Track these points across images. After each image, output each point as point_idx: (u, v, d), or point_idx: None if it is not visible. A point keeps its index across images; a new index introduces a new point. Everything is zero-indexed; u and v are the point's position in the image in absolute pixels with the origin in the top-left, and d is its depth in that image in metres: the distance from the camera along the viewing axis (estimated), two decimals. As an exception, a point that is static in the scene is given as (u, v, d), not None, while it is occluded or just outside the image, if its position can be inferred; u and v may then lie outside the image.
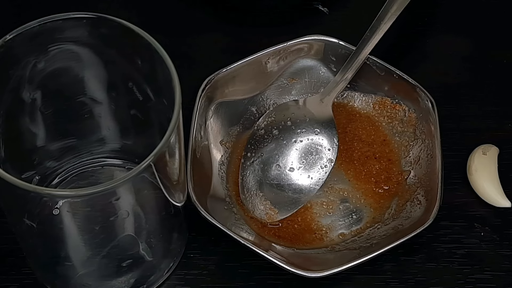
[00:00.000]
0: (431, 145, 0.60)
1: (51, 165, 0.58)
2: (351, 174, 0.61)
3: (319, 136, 0.61)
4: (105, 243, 0.51)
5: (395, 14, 0.60)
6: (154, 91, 0.52)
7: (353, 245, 0.58)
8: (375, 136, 0.63)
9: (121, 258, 0.53)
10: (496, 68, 0.68)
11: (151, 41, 0.49)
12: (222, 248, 0.59)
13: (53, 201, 0.47)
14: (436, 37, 0.70)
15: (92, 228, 0.50)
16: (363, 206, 0.60)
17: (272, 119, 0.62)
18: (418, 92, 0.61)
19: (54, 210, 0.47)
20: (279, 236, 0.59)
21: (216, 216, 0.56)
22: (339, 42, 0.63)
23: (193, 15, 0.71)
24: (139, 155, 0.49)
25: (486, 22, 0.71)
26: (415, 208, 0.58)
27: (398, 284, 0.58)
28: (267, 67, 0.63)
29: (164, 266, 0.57)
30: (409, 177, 0.61)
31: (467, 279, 0.58)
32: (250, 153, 0.61)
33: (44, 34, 0.50)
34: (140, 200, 0.50)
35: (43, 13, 0.50)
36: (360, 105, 0.64)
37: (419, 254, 0.59)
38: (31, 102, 0.53)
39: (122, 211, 0.49)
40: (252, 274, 0.58)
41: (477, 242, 0.60)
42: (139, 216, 0.51)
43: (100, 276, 0.55)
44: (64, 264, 0.54)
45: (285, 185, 0.61)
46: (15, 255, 0.58)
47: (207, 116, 0.61)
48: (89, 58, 0.52)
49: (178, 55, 0.52)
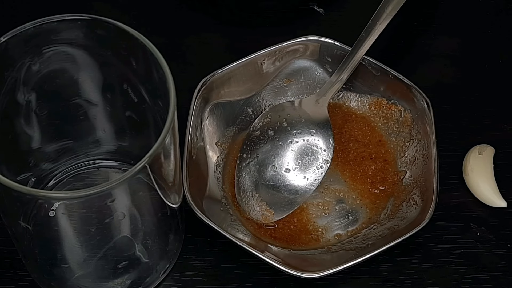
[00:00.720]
0: (427, 146, 0.60)
1: (47, 167, 0.58)
2: (347, 175, 0.61)
3: (314, 137, 0.61)
4: (101, 245, 0.51)
5: (391, 14, 0.60)
6: (149, 92, 0.52)
7: (349, 245, 0.58)
8: (371, 136, 0.63)
9: (117, 259, 0.53)
10: (491, 68, 0.68)
11: (146, 42, 0.49)
12: (219, 249, 0.59)
13: (48, 203, 0.47)
14: (431, 37, 0.70)
15: (88, 230, 0.50)
16: (359, 206, 0.60)
17: (268, 120, 0.62)
18: (413, 92, 0.61)
19: (50, 212, 0.47)
20: (275, 237, 0.59)
21: (212, 217, 0.56)
22: (334, 43, 0.63)
23: (189, 16, 0.71)
24: (135, 156, 0.49)
25: (481, 22, 0.71)
26: (411, 208, 0.58)
27: (394, 284, 0.58)
28: (263, 68, 0.63)
29: (160, 268, 0.57)
30: (405, 178, 0.61)
31: (464, 279, 0.58)
32: (246, 154, 0.61)
33: (39, 36, 0.50)
34: (136, 201, 0.50)
35: (38, 15, 0.50)
36: (355, 105, 0.64)
37: (415, 255, 0.59)
38: (26, 104, 0.52)
39: (118, 213, 0.49)
40: (249, 275, 0.58)
41: (473, 242, 0.60)
42: (135, 218, 0.51)
43: (96, 277, 0.55)
44: (60, 266, 0.54)
45: (281, 186, 0.61)
46: (11, 257, 0.58)
47: (203, 117, 0.61)
48: (84, 60, 0.52)
49: (174, 56, 0.52)
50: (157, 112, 0.51)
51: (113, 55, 0.51)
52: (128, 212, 0.50)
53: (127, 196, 0.48)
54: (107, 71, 0.53)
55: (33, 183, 0.57)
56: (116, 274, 0.54)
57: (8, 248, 0.58)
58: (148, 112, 0.53)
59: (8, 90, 0.51)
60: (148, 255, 0.54)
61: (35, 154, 0.56)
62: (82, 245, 0.51)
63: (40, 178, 0.58)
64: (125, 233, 0.52)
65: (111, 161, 0.59)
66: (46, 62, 0.51)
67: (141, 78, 0.52)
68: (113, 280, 0.54)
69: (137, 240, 0.53)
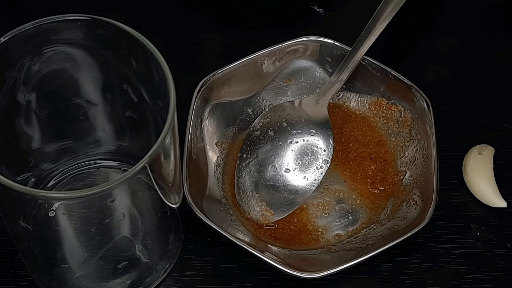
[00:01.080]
0: (426, 146, 0.60)
1: (47, 167, 0.58)
2: (347, 175, 0.61)
3: (314, 137, 0.61)
4: (101, 245, 0.51)
5: (391, 14, 0.60)
6: (149, 92, 0.52)
7: (349, 245, 0.58)
8: (370, 136, 0.63)
9: (117, 259, 0.53)
10: (491, 68, 0.68)
11: (146, 42, 0.49)
12: (219, 250, 0.59)
13: (48, 203, 0.47)
14: (431, 37, 0.70)
15: (88, 230, 0.50)
16: (359, 206, 0.60)
17: (268, 120, 0.62)
18: (413, 92, 0.61)
19: (50, 212, 0.47)
20: (275, 237, 0.59)
21: (212, 218, 0.56)
22: (334, 43, 0.63)
23: (189, 16, 0.71)
24: (135, 156, 0.49)
25: (481, 22, 0.71)
26: (411, 208, 0.58)
27: (394, 284, 0.58)
28: (263, 68, 0.63)
29: (160, 268, 0.57)
30: (404, 178, 0.61)
31: (464, 279, 0.58)
32: (245, 154, 0.61)
33: (39, 36, 0.50)
34: (136, 201, 0.50)
35: (38, 15, 0.50)
36: (355, 105, 0.64)
37: (415, 255, 0.59)
38: (26, 104, 0.52)
39: (118, 213, 0.49)
40: (249, 276, 0.58)
41: (473, 242, 0.60)
42: (135, 218, 0.51)
43: (96, 277, 0.55)
44: (60, 266, 0.54)
45: (280, 186, 0.61)
46: (11, 257, 0.58)
47: (203, 117, 0.61)
48: (84, 60, 0.52)
49: (174, 56, 0.52)
50: (157, 112, 0.51)
51: (113, 55, 0.51)
52: (128, 212, 0.50)
53: (127, 196, 0.48)
54: (107, 71, 0.53)
55: (33, 183, 0.57)
56: (116, 274, 0.54)
57: (8, 248, 0.58)
58: (148, 112, 0.53)
59: (8, 90, 0.51)
60: (148, 255, 0.54)
61: (35, 154, 0.56)
62: (82, 245, 0.51)
63: (40, 178, 0.58)
64: (125, 233, 0.52)
65: (111, 161, 0.59)
66: (46, 62, 0.51)
67: (141, 78, 0.52)
68: (113, 280, 0.54)
69: (137, 240, 0.53)
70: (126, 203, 0.49)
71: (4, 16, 0.70)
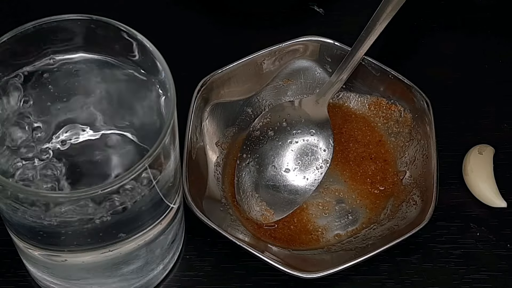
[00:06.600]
0: (426, 146, 0.60)
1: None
2: (346, 175, 0.61)
3: (314, 137, 0.61)
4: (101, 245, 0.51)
5: (390, 14, 0.60)
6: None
7: (349, 245, 0.58)
8: (370, 136, 0.63)
9: (117, 259, 0.53)
10: (491, 68, 0.68)
11: (146, 42, 0.49)
12: (218, 250, 0.59)
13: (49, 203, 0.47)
14: (431, 37, 0.70)
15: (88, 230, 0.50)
16: (358, 206, 0.60)
17: (268, 120, 0.62)
18: (413, 92, 0.61)
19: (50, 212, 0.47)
20: (275, 237, 0.59)
21: (212, 218, 0.56)
22: (334, 43, 0.63)
23: (189, 17, 0.71)
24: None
25: (481, 22, 0.71)
26: (411, 208, 0.58)
27: (394, 284, 0.58)
28: (263, 68, 0.63)
29: (161, 268, 0.56)
30: (404, 178, 0.61)
31: (463, 279, 0.58)
32: (245, 154, 0.61)
33: (39, 36, 0.50)
34: (136, 201, 0.50)
35: (38, 15, 0.50)
36: (355, 105, 0.64)
37: (415, 255, 0.59)
38: (24, 104, 0.52)
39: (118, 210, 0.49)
40: (249, 275, 0.58)
41: (473, 242, 0.60)
42: (135, 218, 0.51)
43: (96, 277, 0.55)
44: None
45: (280, 186, 0.61)
46: (11, 257, 0.58)
47: (203, 117, 0.61)
48: (84, 60, 0.52)
49: (174, 56, 0.52)
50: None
51: (112, 55, 0.51)
52: (128, 211, 0.50)
53: (127, 196, 0.48)
54: (107, 71, 0.53)
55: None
56: (116, 274, 0.54)
57: (8, 248, 0.58)
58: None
59: (8, 90, 0.51)
60: (148, 255, 0.54)
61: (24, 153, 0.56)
62: (82, 245, 0.51)
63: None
64: (125, 233, 0.52)
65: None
66: (46, 62, 0.51)
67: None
68: (113, 280, 0.54)
69: (137, 239, 0.53)
70: (125, 203, 0.49)
71: (4, 16, 0.70)
